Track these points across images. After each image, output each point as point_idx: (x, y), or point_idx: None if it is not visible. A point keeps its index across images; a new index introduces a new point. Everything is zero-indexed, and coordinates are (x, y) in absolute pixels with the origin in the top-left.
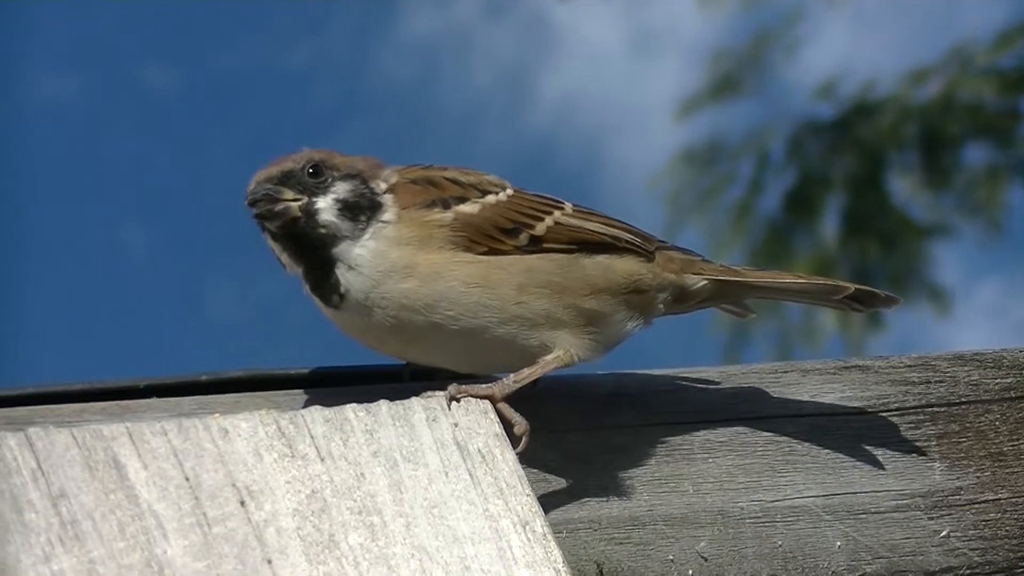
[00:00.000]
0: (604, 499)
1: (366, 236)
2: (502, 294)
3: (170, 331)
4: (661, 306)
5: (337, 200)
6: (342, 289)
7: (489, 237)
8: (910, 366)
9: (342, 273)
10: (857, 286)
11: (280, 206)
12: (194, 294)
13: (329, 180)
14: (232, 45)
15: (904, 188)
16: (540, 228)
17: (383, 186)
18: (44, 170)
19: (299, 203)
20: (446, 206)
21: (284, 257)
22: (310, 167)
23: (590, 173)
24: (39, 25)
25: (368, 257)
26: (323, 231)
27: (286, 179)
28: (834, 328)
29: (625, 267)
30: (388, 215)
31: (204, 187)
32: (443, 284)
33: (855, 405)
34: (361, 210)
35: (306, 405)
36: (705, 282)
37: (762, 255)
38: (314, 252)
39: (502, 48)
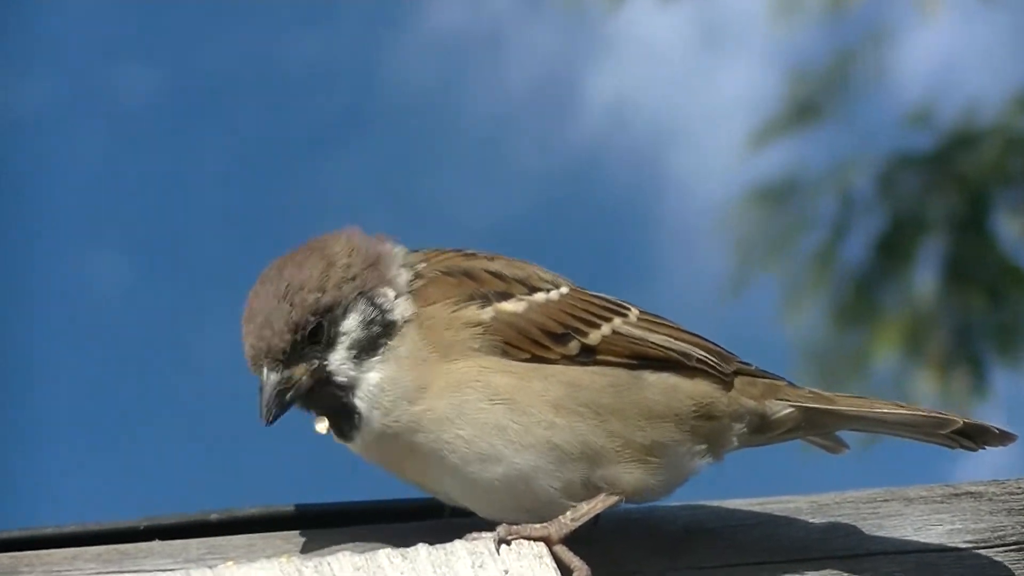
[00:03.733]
0: None
1: (378, 360)
2: (529, 414)
3: (153, 375)
4: (735, 439)
5: (350, 349)
6: (357, 422)
7: (533, 342)
8: None
9: (358, 405)
10: (967, 420)
11: (290, 394)
12: (181, 334)
13: (333, 332)
14: (220, 42)
15: (1013, 231)
16: (594, 336)
17: (392, 295)
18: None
19: (310, 370)
20: (485, 302)
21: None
22: (308, 332)
23: (643, 198)
24: None
25: (379, 384)
26: (343, 383)
27: (291, 356)
28: (931, 398)
29: (694, 390)
30: (403, 329)
31: (189, 208)
32: (459, 397)
33: (968, 539)
34: (376, 344)
35: (332, 548)
36: (791, 410)
37: (846, 311)
38: (335, 403)
39: (541, 47)
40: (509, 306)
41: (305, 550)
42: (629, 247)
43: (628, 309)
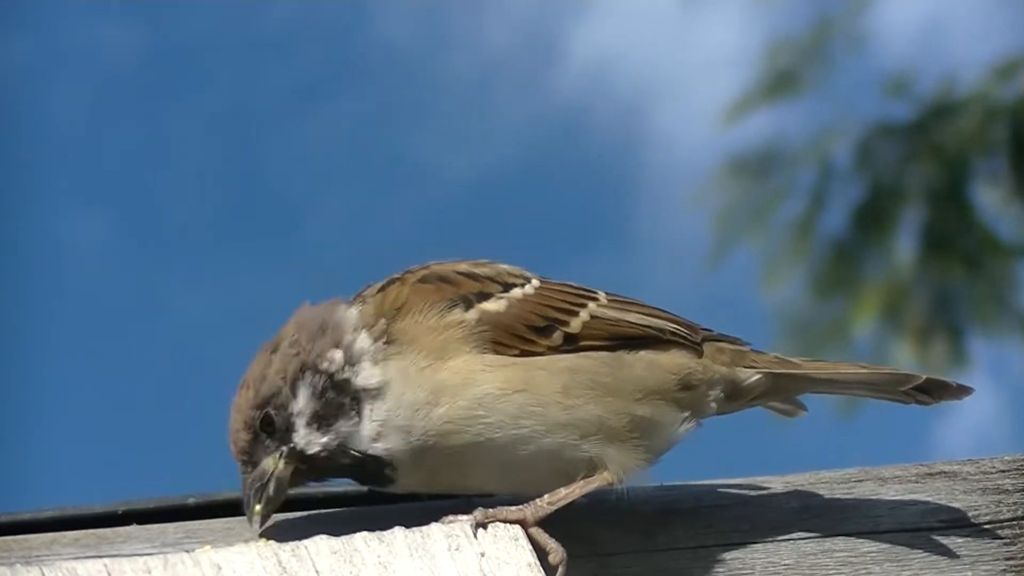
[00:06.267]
0: None
1: (367, 409)
2: (546, 398)
3: (128, 338)
4: (714, 404)
5: (311, 423)
6: (387, 465)
7: (520, 338)
8: (1003, 471)
9: (376, 450)
10: (928, 376)
11: (271, 487)
12: (156, 294)
13: (286, 415)
14: (202, 0)
15: (991, 200)
16: (575, 324)
17: (341, 357)
18: None
19: (282, 457)
20: (468, 305)
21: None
22: (259, 425)
23: (627, 154)
24: None
25: (386, 415)
26: (324, 452)
27: (256, 452)
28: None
29: (673, 362)
30: (377, 369)
31: (171, 165)
32: (477, 390)
33: (941, 519)
34: (342, 408)
35: (309, 532)
36: (759, 376)
37: (825, 280)
38: (344, 463)
39: (523, 2)
40: (491, 306)
41: (283, 534)
42: (609, 207)
43: (596, 293)
